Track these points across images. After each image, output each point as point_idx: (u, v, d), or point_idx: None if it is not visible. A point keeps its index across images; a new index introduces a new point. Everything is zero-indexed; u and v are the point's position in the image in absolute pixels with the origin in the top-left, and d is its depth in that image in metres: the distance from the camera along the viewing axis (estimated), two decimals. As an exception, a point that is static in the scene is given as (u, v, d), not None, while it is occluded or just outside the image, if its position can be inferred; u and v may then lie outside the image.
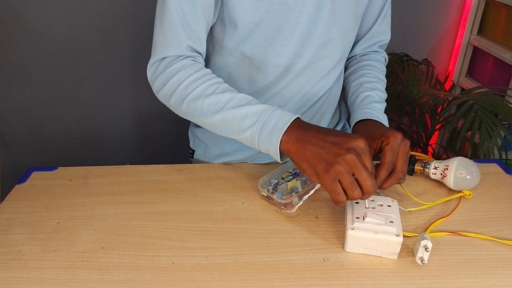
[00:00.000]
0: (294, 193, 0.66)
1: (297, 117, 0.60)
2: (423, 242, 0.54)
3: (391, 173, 0.61)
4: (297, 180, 0.68)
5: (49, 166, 0.79)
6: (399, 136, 0.61)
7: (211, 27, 0.72)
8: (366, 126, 0.70)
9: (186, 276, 0.55)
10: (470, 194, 0.68)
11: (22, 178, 0.76)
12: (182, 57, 0.67)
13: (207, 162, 0.88)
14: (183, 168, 0.78)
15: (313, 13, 0.68)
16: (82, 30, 1.42)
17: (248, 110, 0.61)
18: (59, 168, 0.78)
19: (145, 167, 0.79)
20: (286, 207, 0.65)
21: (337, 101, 0.86)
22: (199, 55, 0.70)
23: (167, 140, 1.66)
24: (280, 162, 0.61)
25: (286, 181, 0.67)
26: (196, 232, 0.62)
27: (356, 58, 0.87)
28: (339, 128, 0.91)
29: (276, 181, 0.68)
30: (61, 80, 1.50)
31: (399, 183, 0.63)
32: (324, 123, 0.84)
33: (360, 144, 0.55)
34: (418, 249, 0.55)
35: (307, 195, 0.63)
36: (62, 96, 1.54)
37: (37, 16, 1.38)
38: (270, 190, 0.66)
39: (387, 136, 0.62)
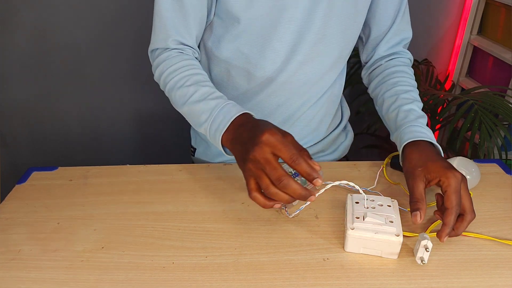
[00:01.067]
0: None
1: (242, 114, 0.60)
2: (423, 242, 0.54)
3: (460, 216, 0.58)
4: (297, 180, 0.68)
5: (49, 166, 0.79)
6: (459, 175, 0.58)
7: (211, 23, 0.73)
8: (421, 153, 0.64)
9: (186, 276, 0.55)
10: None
11: (22, 178, 0.76)
12: (168, 49, 0.71)
13: (208, 161, 0.88)
14: (183, 168, 0.78)
15: (310, 7, 0.68)
16: (82, 30, 1.42)
17: (204, 106, 0.63)
18: (59, 168, 0.78)
19: (145, 167, 0.79)
20: (286, 207, 0.65)
21: (339, 100, 0.86)
22: (188, 47, 0.73)
23: (167, 140, 1.66)
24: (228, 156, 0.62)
25: None
26: (196, 232, 0.62)
27: (381, 65, 0.82)
28: (340, 127, 0.90)
29: None
30: (61, 80, 1.50)
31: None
32: (325, 123, 0.84)
33: (265, 138, 0.52)
34: (418, 249, 0.55)
35: (303, 205, 0.62)
36: (62, 96, 1.54)
37: (37, 16, 1.38)
38: None
39: (447, 176, 0.58)
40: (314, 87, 0.77)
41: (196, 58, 0.75)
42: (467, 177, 0.67)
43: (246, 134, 0.56)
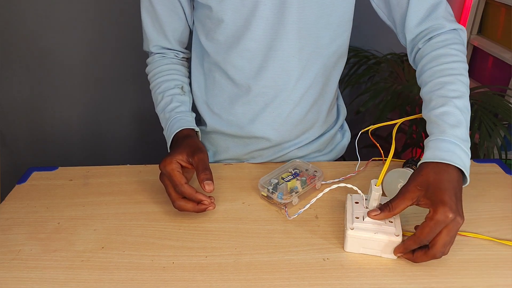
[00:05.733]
0: (294, 193, 0.66)
1: (180, 130, 0.70)
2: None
3: (426, 247, 0.53)
4: (297, 180, 0.68)
5: (49, 166, 0.79)
6: (449, 215, 0.51)
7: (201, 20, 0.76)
8: (435, 175, 0.54)
9: (186, 276, 0.55)
10: None
11: (22, 178, 0.76)
12: (152, 53, 0.82)
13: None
14: (183, 168, 0.78)
15: (280, 3, 0.68)
16: (82, 30, 1.42)
17: (162, 117, 0.76)
18: (59, 168, 0.79)
19: (145, 167, 0.79)
20: (285, 207, 0.65)
21: (332, 97, 0.82)
22: (170, 50, 0.81)
23: (167, 140, 1.66)
24: None
25: (286, 181, 0.67)
26: (196, 232, 0.62)
27: (420, 50, 0.69)
28: (337, 127, 0.88)
29: (276, 181, 0.68)
30: (61, 80, 1.50)
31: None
32: (320, 120, 0.82)
33: (161, 167, 0.63)
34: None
35: (303, 209, 0.63)
36: (62, 96, 1.54)
37: (37, 16, 1.38)
38: (270, 190, 0.66)
39: (436, 211, 0.51)
40: (300, 82, 0.75)
41: (181, 58, 0.83)
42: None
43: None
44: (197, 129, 0.73)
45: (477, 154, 1.18)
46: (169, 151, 0.70)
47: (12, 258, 0.58)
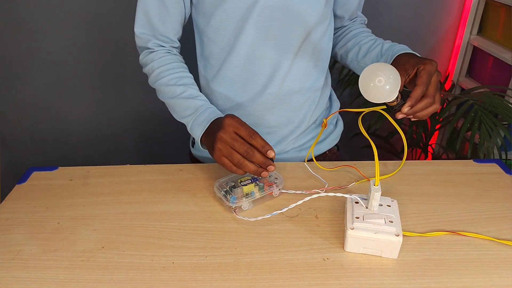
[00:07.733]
0: (249, 197, 0.65)
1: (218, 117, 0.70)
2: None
3: (423, 97, 0.65)
4: (255, 185, 0.67)
5: (49, 166, 0.79)
6: (435, 64, 0.67)
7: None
8: (402, 57, 0.72)
9: (186, 276, 0.55)
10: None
11: (22, 178, 0.76)
12: (152, 51, 0.81)
13: (207, 153, 0.87)
14: (183, 168, 0.78)
15: None
16: (82, 30, 1.42)
17: (191, 103, 0.74)
18: (59, 168, 0.79)
19: (145, 167, 0.79)
20: (235, 211, 0.65)
21: (325, 71, 0.86)
22: (170, 41, 0.82)
23: (167, 140, 1.66)
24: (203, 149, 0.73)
25: (243, 185, 0.66)
26: (196, 232, 0.62)
27: (347, 27, 0.90)
28: (330, 118, 0.90)
29: (233, 183, 0.67)
30: (61, 80, 1.50)
31: (431, 110, 0.67)
32: (310, 110, 0.84)
33: (227, 121, 0.64)
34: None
35: (269, 214, 0.63)
36: (62, 96, 1.54)
37: (37, 16, 1.38)
38: (222, 193, 0.65)
39: (425, 62, 0.67)
40: (291, 70, 0.78)
41: (179, 53, 0.84)
42: (386, 87, 0.60)
43: (215, 126, 0.67)
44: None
45: (477, 154, 1.18)
46: (199, 134, 0.70)
47: (12, 258, 0.58)
